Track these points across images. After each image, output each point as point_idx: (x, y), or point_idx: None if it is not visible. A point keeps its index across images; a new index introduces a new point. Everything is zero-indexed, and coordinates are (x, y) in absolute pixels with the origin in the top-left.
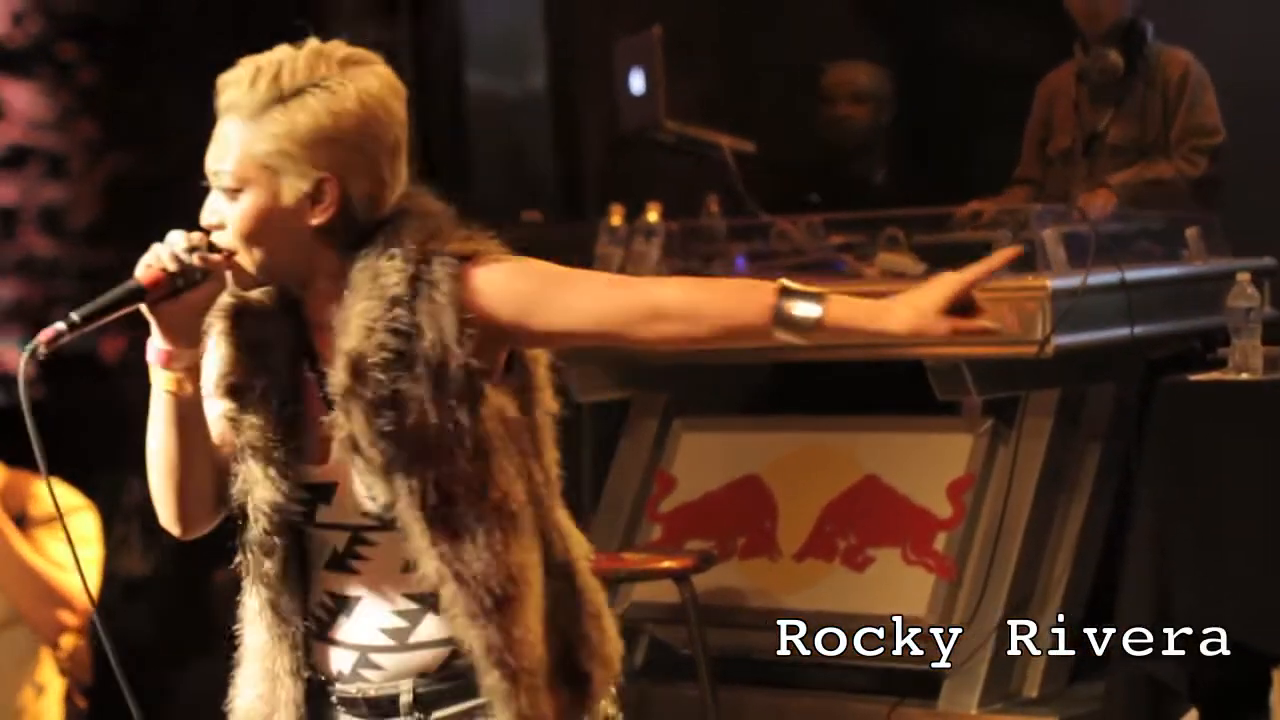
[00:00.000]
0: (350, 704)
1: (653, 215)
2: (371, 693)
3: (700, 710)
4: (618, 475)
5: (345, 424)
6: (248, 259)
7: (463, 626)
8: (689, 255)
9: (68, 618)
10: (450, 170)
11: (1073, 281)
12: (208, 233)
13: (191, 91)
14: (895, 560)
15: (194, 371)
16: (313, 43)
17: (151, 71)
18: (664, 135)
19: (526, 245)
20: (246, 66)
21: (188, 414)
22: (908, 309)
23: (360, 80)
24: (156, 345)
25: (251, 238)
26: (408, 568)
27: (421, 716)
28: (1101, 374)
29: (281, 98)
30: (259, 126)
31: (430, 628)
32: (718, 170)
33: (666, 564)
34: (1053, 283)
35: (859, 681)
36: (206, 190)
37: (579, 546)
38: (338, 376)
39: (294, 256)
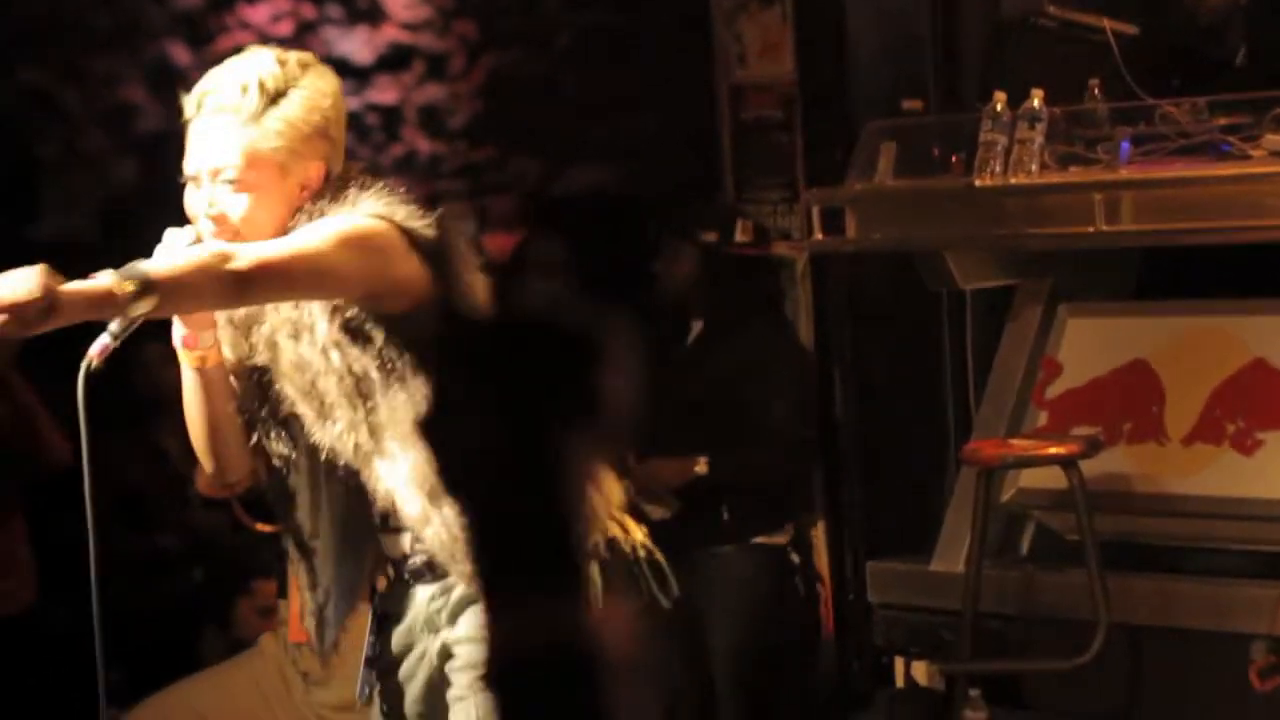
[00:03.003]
0: (417, 575)
1: (1036, 101)
2: (425, 558)
3: (1088, 596)
4: (1003, 362)
5: None
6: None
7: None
8: (1072, 140)
9: None
10: (831, 63)
11: None
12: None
13: None
14: None
15: (215, 348)
16: (271, 52)
17: None
18: (1046, 19)
19: (910, 136)
20: (226, 76)
21: (213, 384)
22: None
23: (322, 77)
24: (180, 332)
25: (253, 225)
26: None
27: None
28: None
29: (275, 102)
30: (261, 128)
31: None
32: (1097, 54)
33: (1053, 450)
34: None
35: (1248, 566)
36: (586, 90)
37: None
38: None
39: (273, 238)
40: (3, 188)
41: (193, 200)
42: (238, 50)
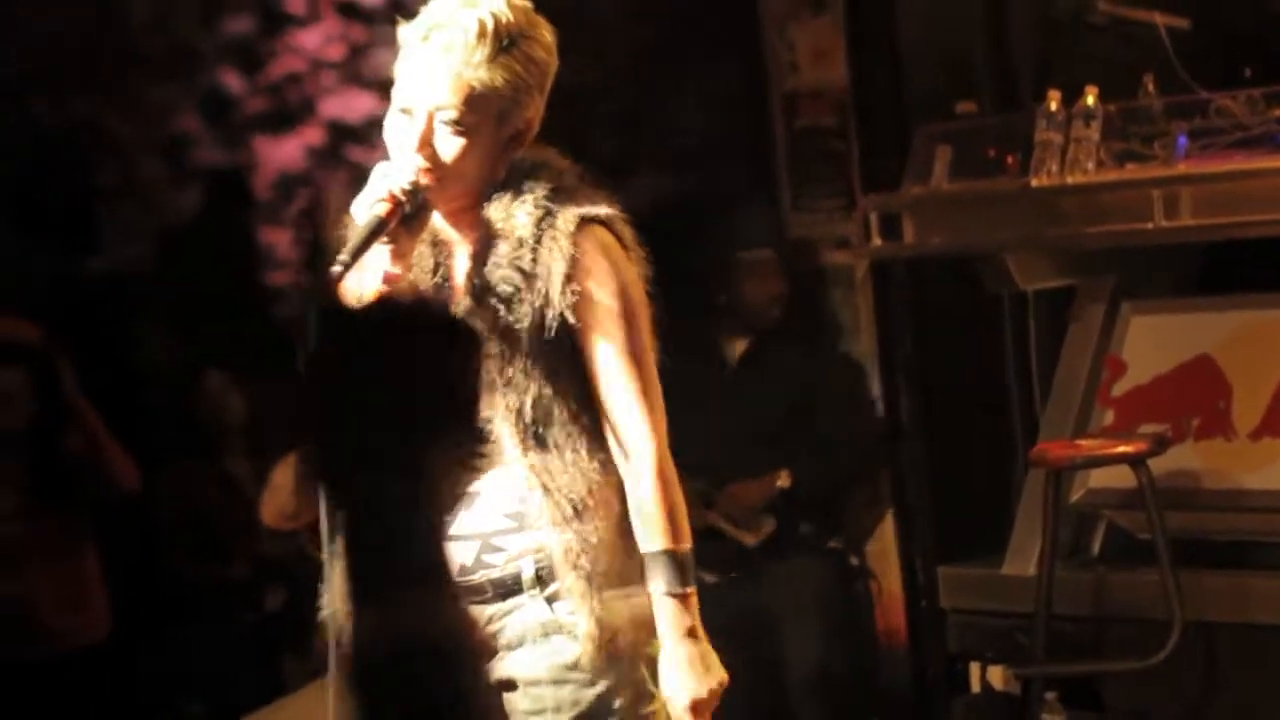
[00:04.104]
0: (475, 591)
1: (1090, 98)
2: (496, 575)
3: (1161, 594)
4: (1067, 362)
5: None
6: (448, 187)
7: (545, 532)
8: (1128, 137)
9: None
10: (883, 68)
11: None
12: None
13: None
14: None
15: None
16: None
17: None
18: (1097, 16)
19: (965, 139)
20: (459, 13)
21: None
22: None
23: (543, 28)
24: (386, 270)
25: (464, 169)
26: None
27: (540, 590)
28: None
29: (506, 48)
30: (491, 73)
31: None
32: (1151, 49)
33: (1121, 449)
34: None
35: None
36: (638, 103)
37: None
38: (463, 301)
39: (478, 186)
40: (59, 218)
41: (399, 132)
42: (291, 77)
